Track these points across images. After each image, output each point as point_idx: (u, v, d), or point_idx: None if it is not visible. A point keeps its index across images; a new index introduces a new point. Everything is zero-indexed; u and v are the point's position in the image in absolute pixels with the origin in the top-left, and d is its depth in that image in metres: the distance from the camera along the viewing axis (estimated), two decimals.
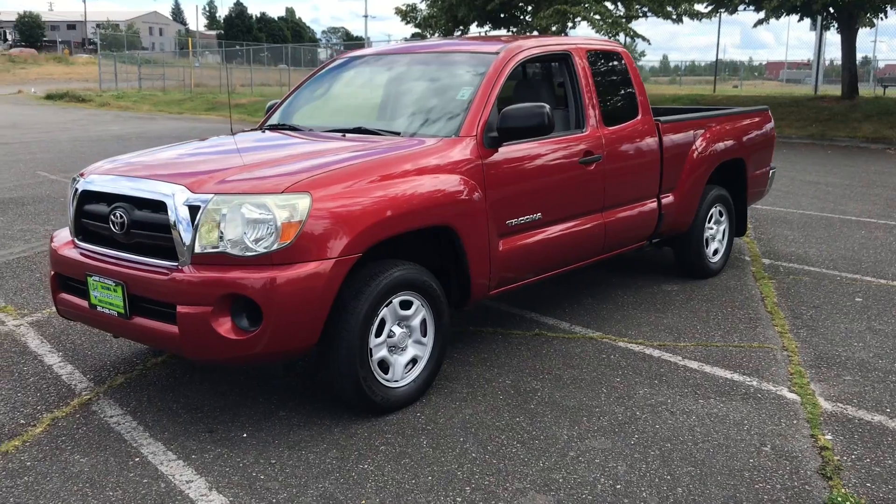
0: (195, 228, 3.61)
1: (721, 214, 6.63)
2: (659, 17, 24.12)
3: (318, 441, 3.76)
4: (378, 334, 3.89)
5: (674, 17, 24.04)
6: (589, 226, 5.17)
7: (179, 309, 3.59)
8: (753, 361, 4.74)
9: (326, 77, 5.59)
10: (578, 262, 5.28)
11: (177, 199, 3.66)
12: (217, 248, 3.59)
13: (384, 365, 3.97)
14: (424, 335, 4.13)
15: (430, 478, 3.43)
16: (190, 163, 4.33)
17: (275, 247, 3.54)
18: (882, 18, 19.64)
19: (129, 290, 3.77)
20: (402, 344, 4.02)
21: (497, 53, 4.81)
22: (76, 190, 4.22)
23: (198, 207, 3.62)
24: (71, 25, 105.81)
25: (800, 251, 7.60)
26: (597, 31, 22.24)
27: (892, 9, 19.01)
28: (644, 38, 24.01)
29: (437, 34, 26.79)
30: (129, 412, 4.10)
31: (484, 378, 4.48)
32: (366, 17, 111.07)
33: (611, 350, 4.93)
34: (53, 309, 5.65)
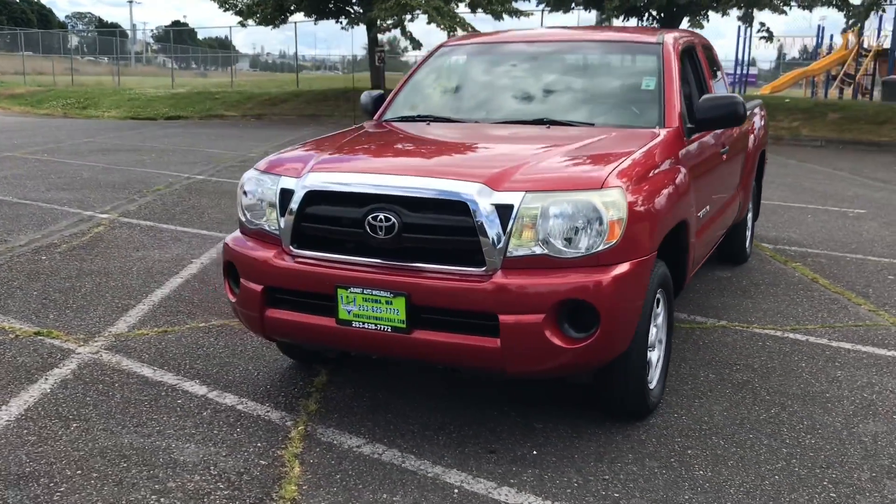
0: (508, 230, 3.25)
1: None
2: (487, 13, 24.68)
3: (616, 450, 3.55)
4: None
5: (499, 12, 24.68)
6: (720, 217, 5.26)
7: (503, 319, 3.23)
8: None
9: (451, 67, 5.22)
10: (708, 254, 5.35)
11: (481, 199, 3.28)
12: (534, 250, 3.27)
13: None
14: (664, 333, 4.02)
15: (740, 478, 3.35)
16: (447, 157, 3.96)
17: (601, 247, 3.28)
18: (706, 21, 21.45)
19: (412, 301, 3.33)
20: (653, 344, 3.88)
21: (660, 43, 4.74)
22: (286, 191, 3.65)
23: (508, 207, 3.27)
24: None
25: (785, 235, 8.17)
26: (436, 25, 22.40)
27: (714, 13, 20.87)
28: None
29: (256, 22, 25.69)
30: (367, 439, 3.64)
31: (688, 374, 4.42)
32: (130, 1, 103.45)
33: (755, 337, 5.05)
34: (119, 328, 4.92)
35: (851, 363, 4.62)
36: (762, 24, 22.06)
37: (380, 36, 25.61)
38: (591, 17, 22.90)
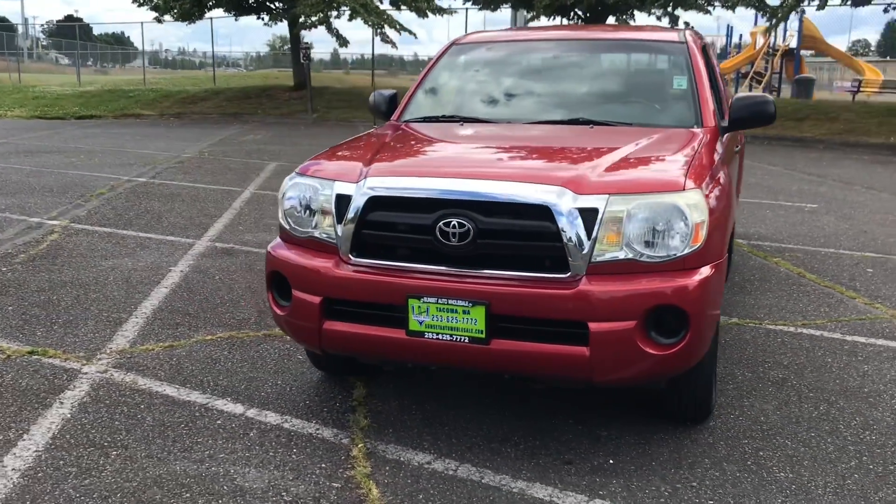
0: (593, 234, 3.15)
1: None
2: (411, 10, 24.52)
3: (690, 455, 3.50)
4: None
5: (424, 10, 24.55)
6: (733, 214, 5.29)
7: (593, 327, 3.12)
8: None
9: (468, 65, 5.07)
10: None
11: (565, 203, 3.16)
12: (619, 255, 3.18)
13: None
14: None
15: (821, 478, 3.36)
16: (515, 160, 3.84)
17: (686, 250, 3.21)
18: (633, 21, 21.84)
19: (492, 309, 3.19)
20: None
21: (684, 42, 4.73)
22: (343, 197, 3.45)
23: (592, 210, 3.16)
24: None
25: (753, 231, 8.35)
26: (363, 22, 22.11)
27: (639, 12, 21.28)
28: (410, 32, 24.28)
29: (174, 17, 24.83)
30: (433, 454, 3.48)
31: (725, 374, 4.42)
32: None
33: (771, 333, 5.10)
34: (118, 344, 4.62)
35: (873, 357, 4.71)
36: (687, 24, 22.67)
37: (303, 32, 25.11)
38: (505, 16, 23.06)
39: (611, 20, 21.38)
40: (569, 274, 3.17)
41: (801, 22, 27.25)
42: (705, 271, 3.25)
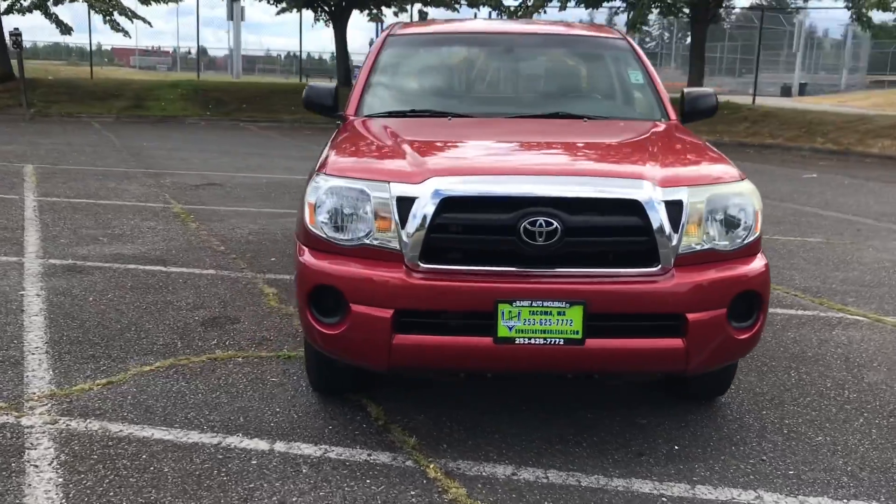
0: (680, 227, 3.20)
1: None
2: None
3: (744, 431, 3.68)
4: None
5: None
6: None
7: (691, 317, 3.16)
8: None
9: (416, 58, 4.81)
10: None
11: (655, 197, 3.17)
12: (700, 245, 3.25)
13: None
14: None
15: (844, 438, 3.75)
16: (580, 154, 3.77)
17: (751, 237, 3.37)
18: (382, 16, 21.93)
19: (590, 308, 3.12)
20: None
21: (624, 39, 4.90)
22: (404, 199, 3.17)
23: (677, 203, 3.20)
24: None
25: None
26: (90, 8, 20.11)
27: (387, 7, 21.46)
28: (145, 20, 22.39)
29: None
30: (510, 464, 3.34)
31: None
32: None
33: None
34: (40, 387, 3.96)
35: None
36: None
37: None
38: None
39: (356, 13, 21.41)
40: (659, 267, 3.18)
41: None
42: (763, 257, 3.44)
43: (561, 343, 3.13)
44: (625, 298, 3.16)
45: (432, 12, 21.68)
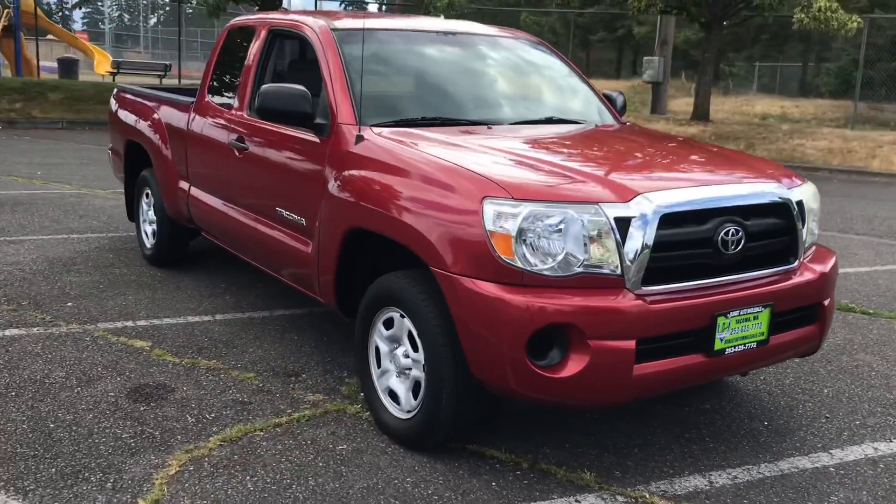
0: (805, 223, 3.52)
1: None
2: None
3: (787, 429, 4.13)
4: None
5: None
6: None
7: (826, 304, 3.58)
8: None
9: (384, 60, 4.18)
10: None
11: (793, 197, 3.45)
12: (807, 239, 3.60)
13: None
14: None
15: (844, 410, 4.51)
16: (704, 163, 3.79)
17: (818, 230, 3.81)
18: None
19: (775, 309, 3.29)
20: None
21: (529, 40, 4.94)
22: (622, 220, 2.96)
23: (801, 203, 3.51)
24: None
25: None
26: None
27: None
28: None
29: None
30: (683, 472, 3.35)
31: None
32: None
33: None
34: None
35: None
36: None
37: None
38: None
39: None
40: (797, 262, 3.46)
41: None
42: None
43: (754, 346, 3.25)
44: (798, 295, 3.41)
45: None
